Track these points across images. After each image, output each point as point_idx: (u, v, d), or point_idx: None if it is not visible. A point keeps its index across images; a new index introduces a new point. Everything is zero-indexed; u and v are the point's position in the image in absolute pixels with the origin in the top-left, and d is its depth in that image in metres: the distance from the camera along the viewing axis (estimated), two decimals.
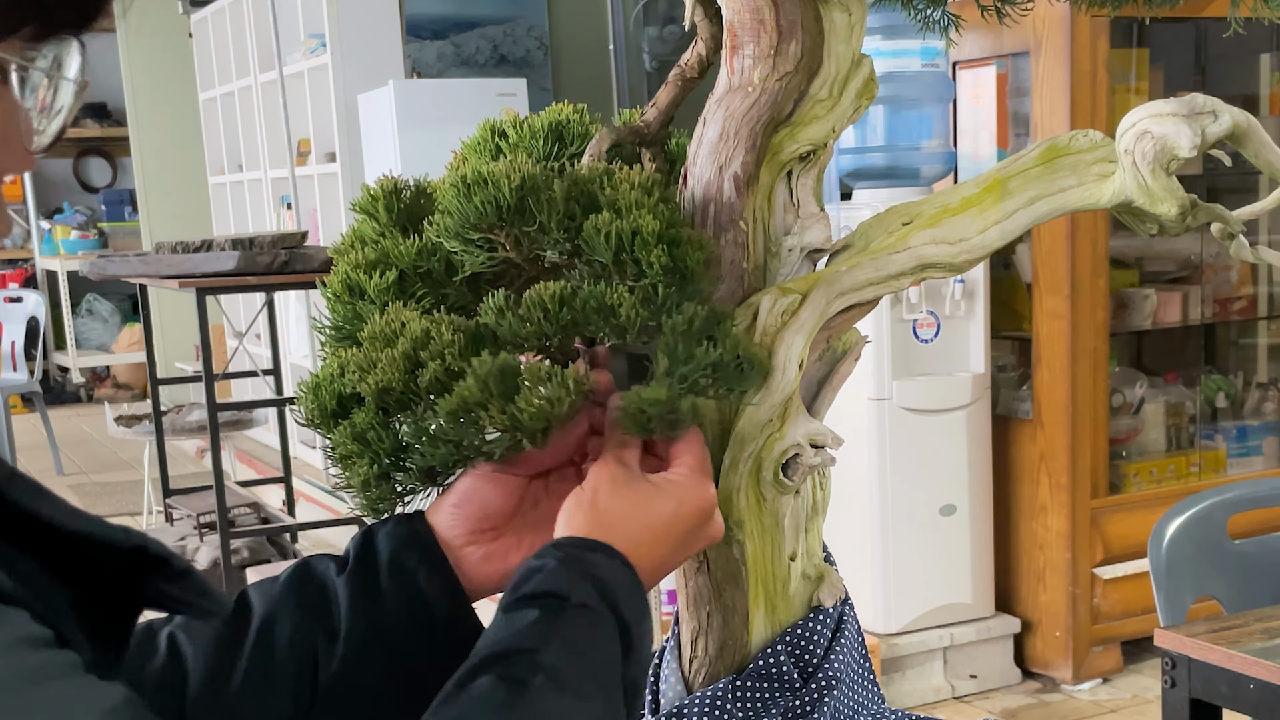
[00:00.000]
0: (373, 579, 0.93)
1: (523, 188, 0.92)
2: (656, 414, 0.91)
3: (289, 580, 0.95)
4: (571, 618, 0.83)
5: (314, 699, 0.91)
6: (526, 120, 1.11)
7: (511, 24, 6.56)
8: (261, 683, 0.91)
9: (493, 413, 0.89)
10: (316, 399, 0.99)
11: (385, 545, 0.95)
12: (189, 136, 7.75)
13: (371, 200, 1.03)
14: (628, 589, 0.88)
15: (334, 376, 0.98)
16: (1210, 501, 2.17)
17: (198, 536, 4.80)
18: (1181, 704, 1.87)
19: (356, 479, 0.98)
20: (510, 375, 0.90)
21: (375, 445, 0.96)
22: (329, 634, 0.92)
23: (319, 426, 1.00)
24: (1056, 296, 3.53)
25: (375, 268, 0.99)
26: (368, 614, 0.92)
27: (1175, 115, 1.01)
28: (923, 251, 1.06)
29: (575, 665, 0.81)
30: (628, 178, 0.96)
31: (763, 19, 1.01)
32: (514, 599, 0.85)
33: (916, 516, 3.53)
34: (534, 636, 0.82)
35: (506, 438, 0.90)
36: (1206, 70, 4.17)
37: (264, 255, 4.03)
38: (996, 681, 3.66)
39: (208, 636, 0.92)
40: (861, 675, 1.11)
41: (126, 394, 8.86)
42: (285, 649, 0.91)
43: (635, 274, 0.93)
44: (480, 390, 0.89)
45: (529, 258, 0.96)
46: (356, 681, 0.92)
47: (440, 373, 0.90)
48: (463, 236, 0.95)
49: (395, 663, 0.92)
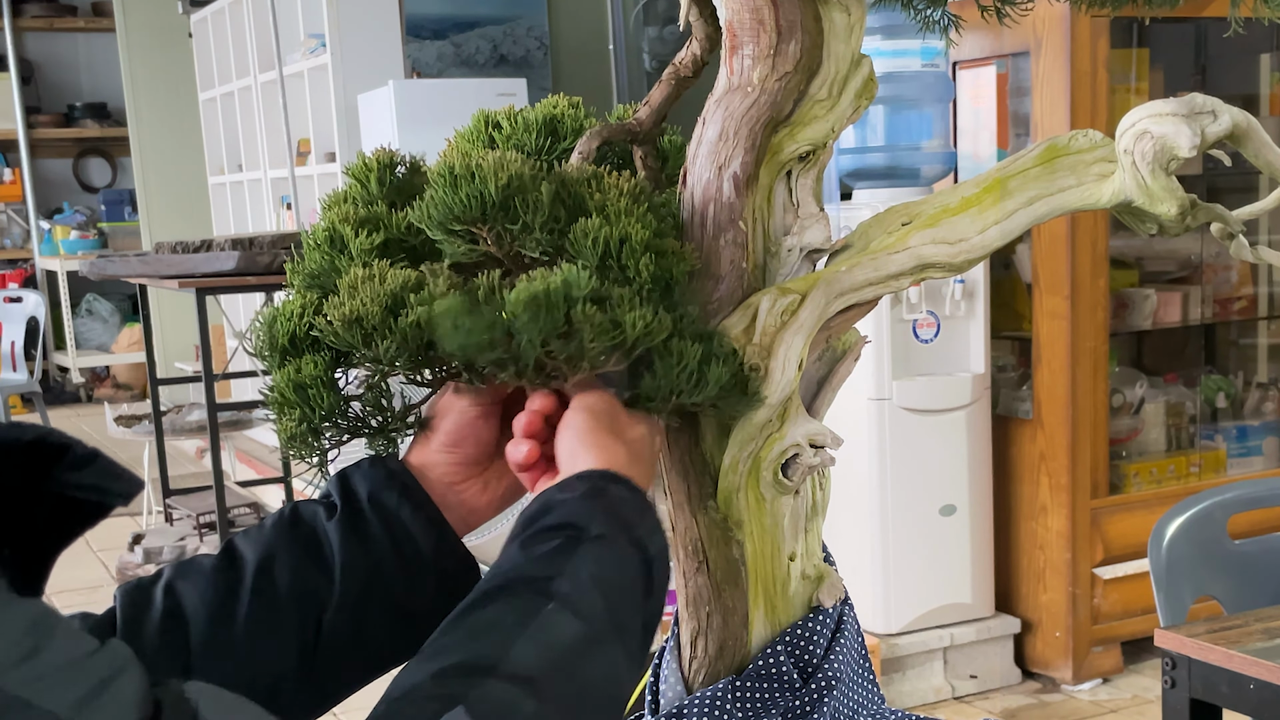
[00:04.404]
0: (359, 520, 0.94)
1: (509, 185, 0.92)
2: (691, 366, 0.92)
3: (279, 525, 0.94)
4: (591, 549, 0.83)
5: (318, 640, 0.91)
6: (521, 113, 1.11)
7: (511, 24, 6.56)
8: (266, 625, 0.91)
9: (587, 312, 0.88)
10: (270, 331, 0.98)
11: (363, 485, 0.95)
12: (189, 136, 7.74)
13: (365, 170, 1.03)
14: (650, 522, 0.89)
15: (293, 314, 0.97)
16: (1210, 501, 2.17)
17: (198, 536, 4.80)
18: (1182, 704, 1.87)
19: (285, 429, 0.97)
20: (602, 293, 0.90)
21: (313, 400, 0.96)
22: (326, 575, 0.92)
23: (266, 360, 0.99)
24: (1056, 296, 3.53)
25: (363, 226, 0.98)
26: (359, 554, 0.93)
27: (1175, 115, 1.01)
28: (922, 251, 1.06)
29: (590, 595, 0.81)
30: (617, 184, 0.96)
31: (762, 19, 1.01)
32: (533, 530, 0.85)
33: (916, 516, 3.53)
34: (551, 565, 0.82)
35: (564, 347, 0.89)
36: (1206, 70, 4.16)
37: (264, 255, 4.04)
38: (996, 682, 3.66)
39: (204, 584, 0.91)
40: (861, 675, 1.11)
41: (126, 394, 8.86)
42: (285, 591, 0.91)
43: (621, 280, 0.93)
44: (583, 286, 0.88)
45: (509, 254, 0.96)
46: (357, 622, 0.92)
47: (423, 318, 0.89)
48: (445, 226, 0.94)
49: (390, 601, 0.93)
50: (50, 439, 0.72)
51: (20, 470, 0.72)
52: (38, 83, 9.42)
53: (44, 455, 0.72)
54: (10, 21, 9.08)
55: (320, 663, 0.92)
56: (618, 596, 0.83)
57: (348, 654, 0.93)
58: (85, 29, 9.37)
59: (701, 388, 0.93)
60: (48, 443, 0.72)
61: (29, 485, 0.72)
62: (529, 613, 0.78)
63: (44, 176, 9.43)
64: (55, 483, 0.73)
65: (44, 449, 0.72)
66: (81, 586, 4.58)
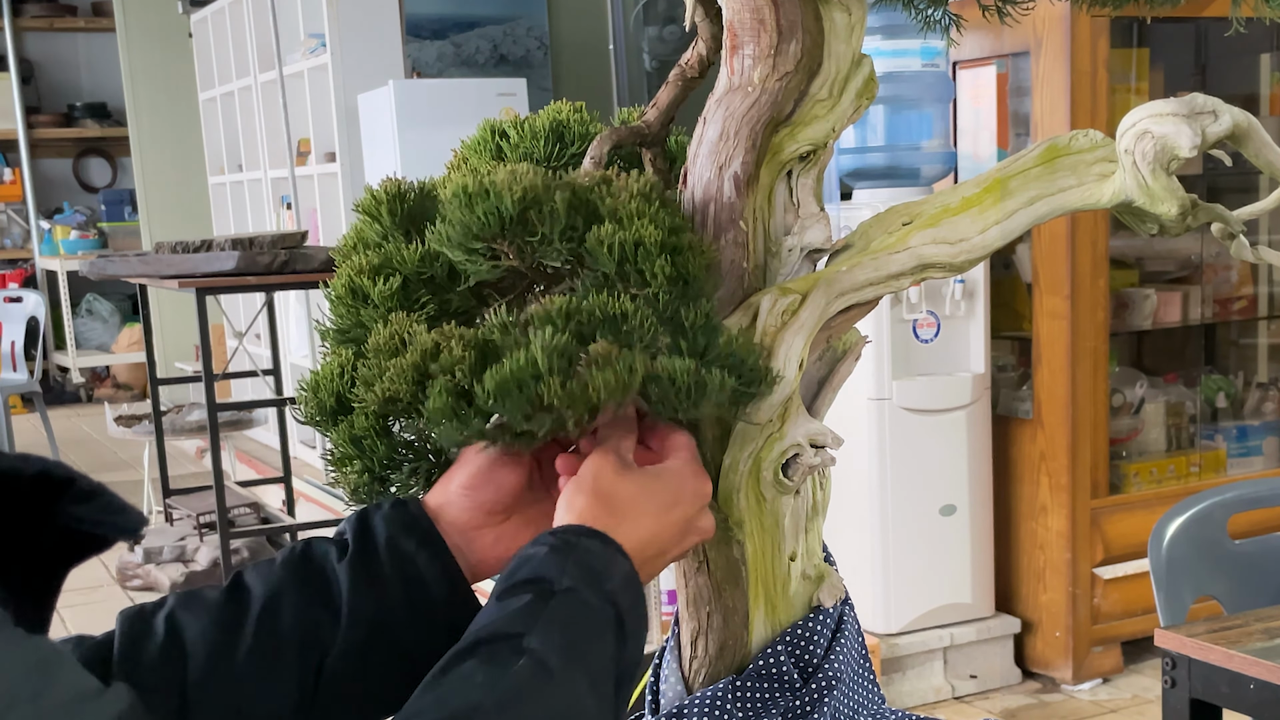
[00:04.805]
0: (372, 563, 0.93)
1: (525, 199, 0.92)
2: (684, 383, 0.90)
3: (289, 562, 0.94)
4: (561, 603, 0.83)
5: (318, 682, 0.91)
6: (527, 120, 1.11)
7: (511, 24, 6.56)
8: (266, 664, 0.90)
9: (553, 387, 0.88)
10: (316, 397, 0.99)
11: (382, 528, 0.94)
12: (189, 136, 7.75)
13: (375, 203, 1.03)
14: (623, 576, 0.88)
15: (334, 375, 0.98)
16: (1210, 501, 2.17)
17: (198, 536, 4.80)
18: (1181, 704, 1.87)
19: (349, 481, 0.98)
20: (572, 353, 0.89)
21: (370, 453, 0.96)
22: (332, 617, 0.91)
23: (319, 425, 1.00)
24: (1056, 296, 3.53)
25: (379, 273, 0.98)
26: (368, 598, 0.92)
27: (1175, 115, 1.01)
28: (923, 251, 1.06)
29: (560, 649, 0.81)
30: (627, 186, 0.95)
31: (763, 19, 1.01)
32: (507, 585, 0.85)
33: (916, 516, 3.53)
34: (521, 621, 0.81)
35: (549, 417, 0.89)
36: (1206, 70, 4.16)
37: (264, 255, 4.04)
38: (996, 681, 3.66)
39: (206, 619, 0.90)
40: (861, 675, 1.11)
41: (126, 394, 8.86)
42: (289, 631, 0.90)
43: (639, 283, 0.93)
44: (545, 364, 0.88)
45: (533, 266, 0.96)
46: (359, 667, 0.91)
47: (449, 387, 0.90)
48: (465, 247, 0.95)
49: (396, 648, 0.92)
50: (55, 472, 0.73)
51: (25, 502, 0.72)
52: (38, 83, 9.43)
53: (49, 488, 0.73)
54: (10, 21, 9.09)
55: (320, 704, 0.91)
56: (588, 649, 0.83)
57: (349, 697, 0.92)
58: (85, 29, 9.38)
59: (703, 399, 0.93)
60: (53, 476, 0.73)
61: (34, 517, 0.73)
62: (500, 670, 0.78)
63: (44, 176, 9.44)
64: (60, 515, 0.74)
65: (49, 482, 0.73)
66: (81, 586, 4.58)
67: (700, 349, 0.93)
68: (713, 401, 0.93)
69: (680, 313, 0.93)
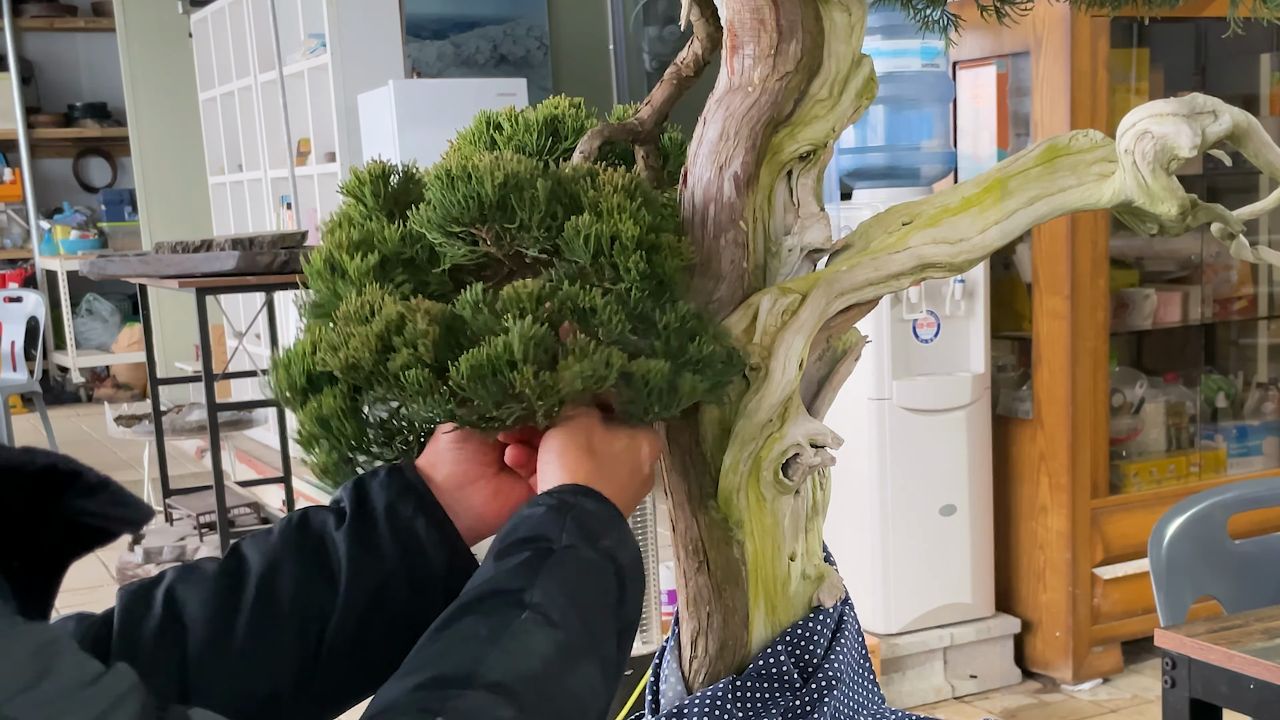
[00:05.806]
0: (371, 531, 0.93)
1: (505, 184, 0.92)
2: (658, 385, 0.91)
3: (286, 533, 0.94)
4: (561, 559, 0.84)
5: (319, 652, 0.91)
6: (522, 113, 1.11)
7: (511, 24, 6.56)
8: (266, 635, 0.90)
9: (525, 376, 0.88)
10: (287, 373, 0.99)
11: (380, 496, 0.94)
12: (189, 136, 7.75)
13: (359, 184, 1.03)
14: (619, 533, 0.90)
15: (305, 353, 0.98)
16: (1210, 501, 2.17)
17: (198, 536, 4.80)
18: (1181, 704, 1.87)
19: (317, 462, 0.98)
20: (549, 345, 0.89)
21: (338, 433, 0.96)
22: (331, 587, 0.91)
23: (288, 402, 0.99)
24: (1056, 296, 3.53)
25: (358, 249, 0.98)
26: (367, 566, 0.92)
27: (1175, 115, 1.01)
28: (923, 251, 1.06)
29: (562, 603, 0.81)
30: (611, 180, 0.95)
31: (763, 19, 1.01)
32: (505, 544, 0.86)
33: (916, 516, 3.53)
34: (521, 577, 0.82)
35: (519, 406, 0.89)
36: (1206, 70, 4.16)
37: (264, 255, 4.04)
38: (996, 681, 3.66)
39: (205, 591, 0.90)
40: (861, 675, 1.11)
41: (126, 394, 8.86)
42: (288, 602, 0.90)
43: (613, 277, 0.93)
44: (520, 352, 0.88)
45: (510, 253, 0.96)
46: (360, 634, 0.91)
47: (410, 359, 0.89)
48: (444, 229, 0.94)
49: (396, 614, 0.92)
50: (61, 465, 0.74)
51: (31, 495, 0.73)
52: (38, 83, 9.42)
53: (55, 481, 0.73)
54: (10, 21, 9.08)
55: (321, 673, 0.91)
56: (589, 604, 0.84)
57: (350, 665, 0.92)
58: (85, 29, 9.37)
59: (675, 402, 0.93)
60: (59, 469, 0.73)
61: (39, 510, 0.73)
62: (502, 623, 0.78)
63: (44, 176, 9.43)
64: (65, 508, 0.74)
65: (55, 475, 0.73)
66: (81, 586, 4.58)
67: (674, 351, 0.93)
68: (681, 406, 0.94)
69: (653, 312, 0.93)
